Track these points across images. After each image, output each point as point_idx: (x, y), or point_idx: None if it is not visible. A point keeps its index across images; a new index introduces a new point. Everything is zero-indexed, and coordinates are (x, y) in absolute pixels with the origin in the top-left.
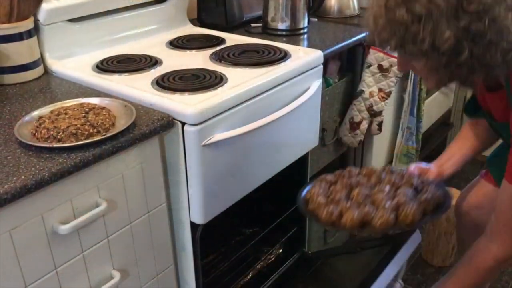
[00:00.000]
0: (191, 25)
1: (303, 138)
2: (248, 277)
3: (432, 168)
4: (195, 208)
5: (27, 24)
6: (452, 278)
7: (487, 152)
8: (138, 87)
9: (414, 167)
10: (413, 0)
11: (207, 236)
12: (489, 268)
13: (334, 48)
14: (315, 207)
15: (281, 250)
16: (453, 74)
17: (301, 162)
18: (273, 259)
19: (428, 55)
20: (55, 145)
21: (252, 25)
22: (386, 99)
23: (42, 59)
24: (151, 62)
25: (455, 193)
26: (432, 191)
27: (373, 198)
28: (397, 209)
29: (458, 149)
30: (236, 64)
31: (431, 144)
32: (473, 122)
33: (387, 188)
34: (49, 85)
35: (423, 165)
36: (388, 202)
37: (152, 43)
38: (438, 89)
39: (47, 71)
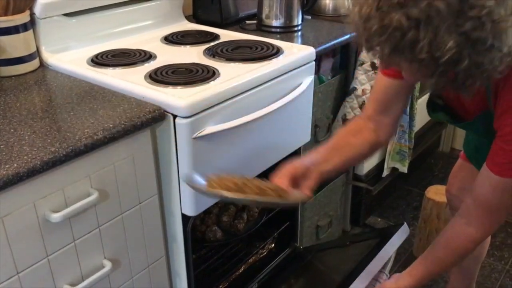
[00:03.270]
0: (187, 21)
1: (295, 133)
2: (240, 271)
3: (311, 169)
4: (186, 200)
5: (23, 18)
6: (432, 259)
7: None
8: (131, 81)
9: (288, 166)
10: (411, 3)
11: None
12: (469, 250)
13: (327, 45)
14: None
15: (273, 245)
16: (448, 81)
17: (294, 158)
18: (265, 253)
19: (425, 63)
20: None
21: (247, 22)
22: None
23: (38, 52)
24: (145, 56)
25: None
26: None
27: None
28: None
29: (337, 153)
30: (229, 59)
31: (425, 142)
32: (351, 131)
33: None
34: (44, 78)
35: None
36: None
37: (147, 38)
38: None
39: (42, 64)
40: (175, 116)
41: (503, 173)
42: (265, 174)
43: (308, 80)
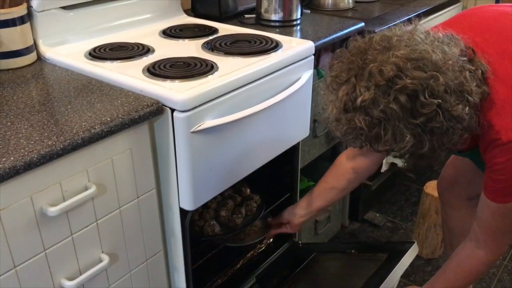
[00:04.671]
0: (185, 15)
1: (294, 128)
2: (238, 266)
3: (292, 221)
4: (184, 194)
5: (20, 10)
6: (443, 281)
7: None
8: (129, 74)
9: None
10: (371, 105)
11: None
12: (480, 272)
13: (326, 39)
14: None
15: (271, 240)
16: (417, 159)
17: (292, 153)
18: (263, 248)
19: (392, 150)
20: None
21: (246, 16)
22: None
23: (35, 45)
24: (144, 50)
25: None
26: None
27: None
28: None
29: (321, 195)
30: (227, 53)
31: None
32: (351, 155)
33: None
34: (41, 72)
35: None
36: None
37: (145, 32)
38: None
39: (40, 58)
40: (173, 110)
41: (497, 199)
42: (263, 170)
43: (307, 75)
